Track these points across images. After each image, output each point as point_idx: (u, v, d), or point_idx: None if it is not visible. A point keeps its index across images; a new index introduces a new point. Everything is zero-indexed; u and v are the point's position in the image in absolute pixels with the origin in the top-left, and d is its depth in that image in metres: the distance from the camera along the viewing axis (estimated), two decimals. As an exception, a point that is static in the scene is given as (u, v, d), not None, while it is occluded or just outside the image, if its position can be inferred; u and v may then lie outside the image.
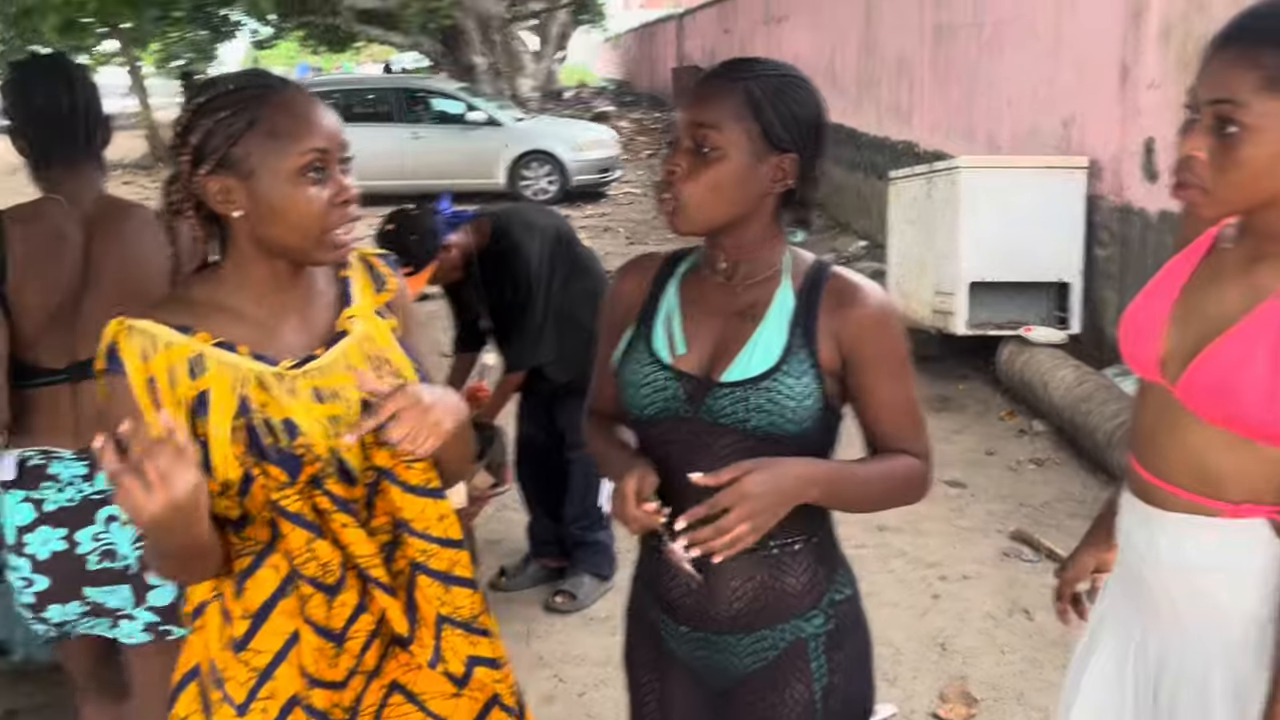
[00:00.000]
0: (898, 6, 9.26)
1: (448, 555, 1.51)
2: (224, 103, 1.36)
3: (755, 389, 1.46)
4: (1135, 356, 1.51)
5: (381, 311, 1.55)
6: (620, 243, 10.95)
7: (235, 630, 1.42)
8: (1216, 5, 4.74)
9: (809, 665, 1.56)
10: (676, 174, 1.46)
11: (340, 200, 1.39)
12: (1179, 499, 1.46)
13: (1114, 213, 5.74)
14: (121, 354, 1.34)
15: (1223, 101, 1.28)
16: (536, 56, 22.57)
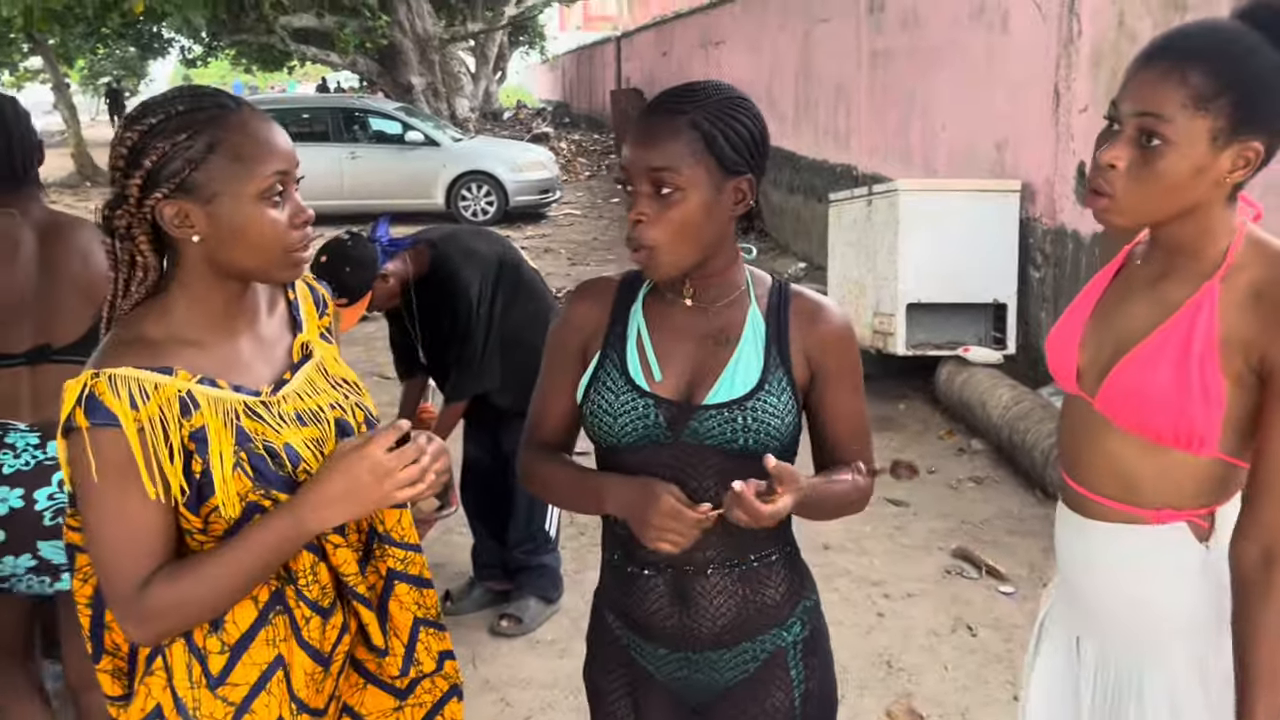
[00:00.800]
0: (835, 32, 9.40)
1: (419, 560, 1.55)
2: (179, 125, 1.32)
3: (742, 409, 1.48)
4: (1058, 371, 1.58)
5: (324, 335, 1.57)
6: (562, 263, 10.95)
7: (211, 666, 1.39)
8: (1145, 33, 4.88)
9: (788, 673, 1.59)
10: (644, 221, 1.45)
11: (299, 221, 1.38)
12: (1106, 508, 1.52)
13: (1047, 235, 5.86)
14: (108, 405, 1.28)
15: (1148, 115, 1.33)
16: (474, 77, 22.55)
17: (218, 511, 1.34)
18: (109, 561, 1.32)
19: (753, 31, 12.25)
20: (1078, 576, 1.61)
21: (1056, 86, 5.67)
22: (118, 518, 1.30)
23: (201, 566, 1.32)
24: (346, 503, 1.32)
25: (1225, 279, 1.40)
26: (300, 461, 1.39)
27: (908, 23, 7.75)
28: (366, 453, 1.32)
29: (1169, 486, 1.48)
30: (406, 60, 17.68)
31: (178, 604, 1.32)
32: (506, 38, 26.68)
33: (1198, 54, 1.31)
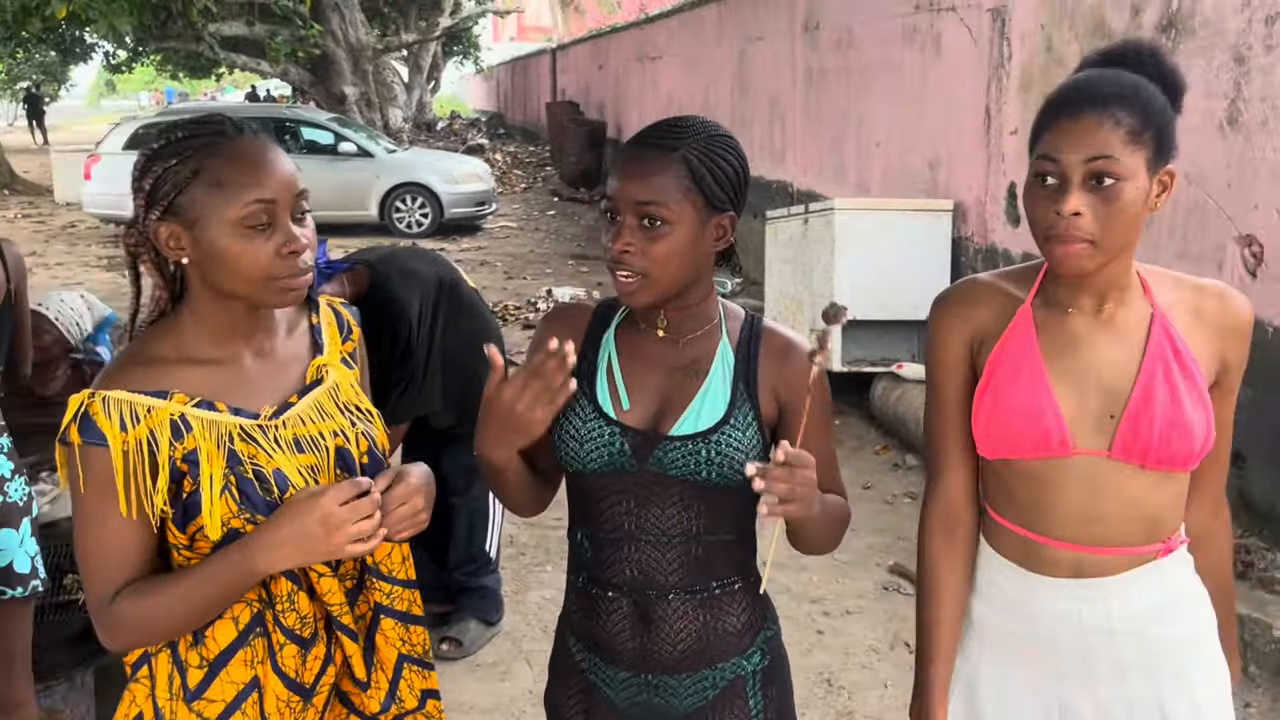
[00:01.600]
0: (770, 49, 9.50)
1: (407, 596, 1.54)
2: (174, 150, 1.37)
3: (706, 442, 1.49)
4: (1035, 443, 1.51)
5: (346, 360, 1.57)
6: (498, 277, 10.89)
7: (190, 680, 1.41)
8: (1072, 58, 5.01)
9: (747, 703, 1.60)
10: (631, 253, 1.46)
11: (288, 250, 1.38)
12: (1120, 558, 1.53)
13: (979, 253, 5.98)
14: (99, 425, 1.33)
15: (1100, 158, 1.40)
16: (408, 87, 22.38)
17: (203, 531, 1.37)
18: (88, 569, 1.38)
19: (689, 47, 12.33)
20: (1079, 640, 1.56)
21: (988, 108, 5.79)
22: (99, 529, 1.36)
23: (164, 589, 1.36)
24: (292, 549, 1.33)
25: (1159, 302, 1.51)
26: (289, 487, 1.40)
27: (842, 43, 7.87)
28: (318, 504, 1.32)
29: (1176, 511, 1.56)
30: (339, 70, 17.49)
31: (139, 620, 1.36)
32: (440, 48, 26.54)
33: (1118, 98, 1.41)
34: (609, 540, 1.57)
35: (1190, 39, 4.24)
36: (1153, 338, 1.48)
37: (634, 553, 1.55)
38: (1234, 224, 3.96)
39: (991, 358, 1.55)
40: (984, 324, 1.58)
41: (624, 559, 1.56)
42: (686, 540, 1.54)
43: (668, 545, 1.54)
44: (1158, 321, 1.49)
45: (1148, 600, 1.54)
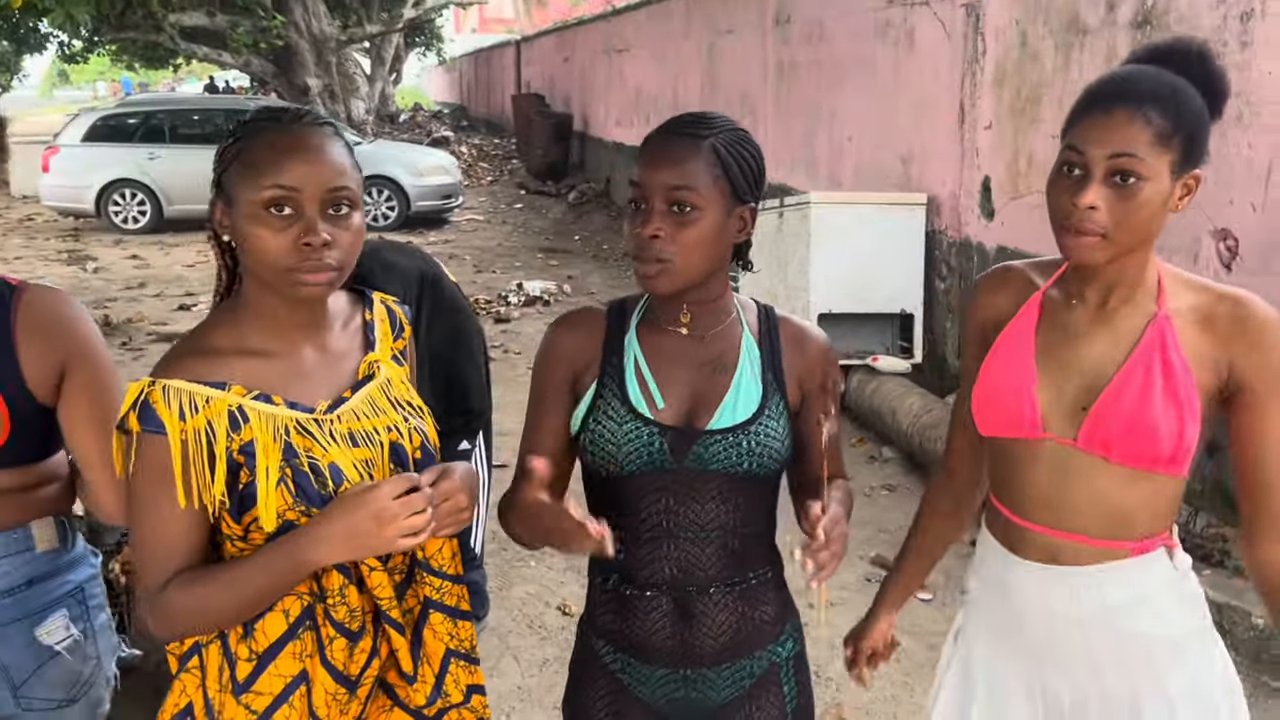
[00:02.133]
0: (740, 43, 9.52)
1: (457, 591, 1.55)
2: (237, 131, 1.42)
3: (745, 433, 1.53)
4: (1010, 421, 1.58)
5: (397, 357, 1.58)
6: (467, 270, 10.83)
7: (239, 673, 1.42)
8: (1047, 53, 5.06)
9: (781, 689, 1.65)
10: (661, 237, 1.47)
11: (305, 242, 1.37)
12: (1090, 548, 1.56)
13: (952, 247, 6.02)
14: (159, 413, 1.34)
15: (1123, 155, 1.42)
16: (370, 79, 22.18)
17: (257, 522, 1.38)
18: (141, 556, 1.40)
19: (658, 40, 12.32)
20: (1056, 627, 1.60)
21: (962, 103, 5.83)
22: (152, 517, 1.37)
23: (216, 578, 1.37)
24: (345, 543, 1.34)
25: (1169, 306, 1.51)
26: (344, 481, 1.40)
27: (813, 37, 7.89)
28: (372, 498, 1.32)
29: (1152, 513, 1.55)
30: (303, 61, 17.29)
31: (190, 609, 1.37)
32: (403, 39, 26.32)
33: (1153, 98, 1.42)
34: (646, 539, 1.57)
35: (1165, 34, 4.29)
36: (1145, 338, 1.50)
37: (673, 550, 1.56)
38: (1209, 218, 4.02)
39: (999, 337, 1.61)
40: (1003, 308, 1.63)
41: (663, 557, 1.57)
42: (724, 534, 1.56)
43: (706, 540, 1.56)
44: (1156, 323, 1.50)
45: (1118, 595, 1.56)
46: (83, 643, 1.84)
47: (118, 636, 2.00)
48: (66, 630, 1.82)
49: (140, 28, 17.23)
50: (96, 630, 1.89)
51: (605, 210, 14.35)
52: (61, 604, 1.82)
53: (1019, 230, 5.38)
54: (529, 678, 3.48)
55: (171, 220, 13.24)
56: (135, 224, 13.41)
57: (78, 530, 1.91)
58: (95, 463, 1.72)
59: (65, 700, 1.83)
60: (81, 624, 1.84)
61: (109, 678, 1.94)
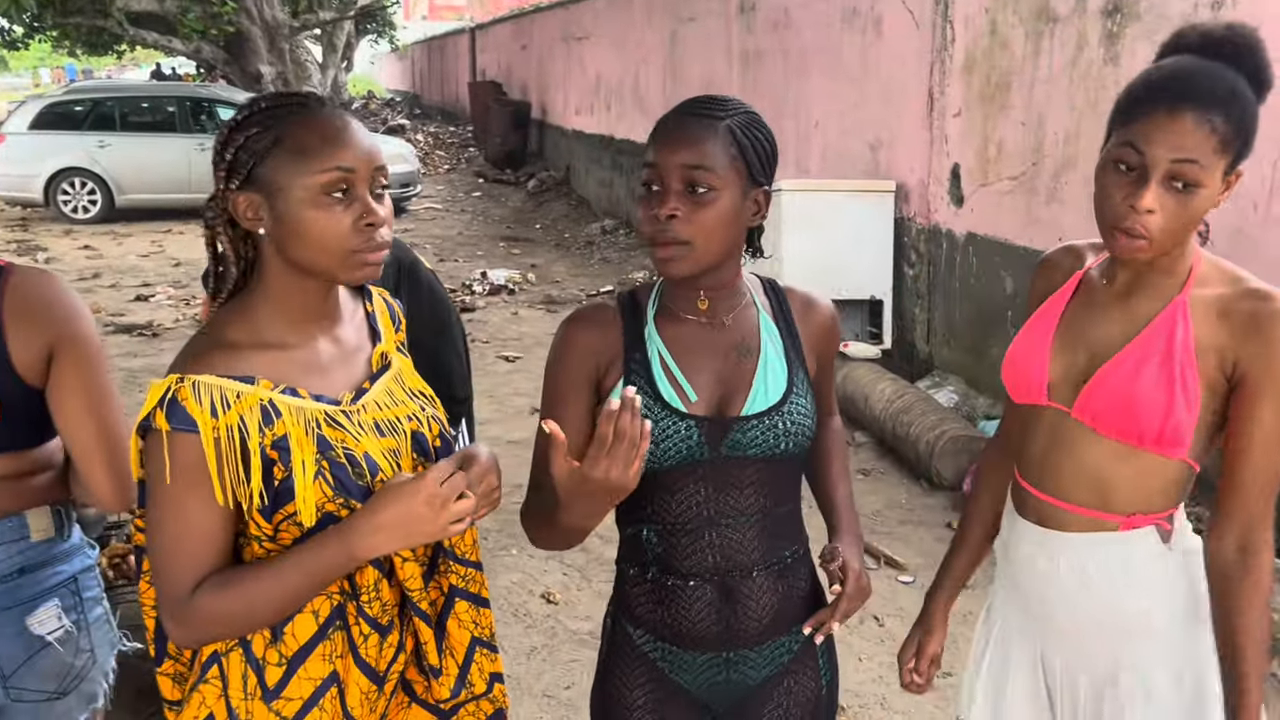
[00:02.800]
0: (704, 31, 9.51)
1: (479, 578, 1.54)
2: (256, 120, 1.36)
3: (780, 414, 1.53)
4: (1023, 387, 1.64)
5: (400, 348, 1.58)
6: (428, 259, 10.59)
7: (268, 678, 1.38)
8: (1017, 41, 5.11)
9: (817, 661, 1.67)
10: (679, 218, 1.45)
11: (365, 223, 1.36)
12: (1077, 517, 1.60)
13: (921, 234, 6.07)
14: (189, 411, 1.30)
15: (1187, 161, 1.39)
16: (322, 67, 21.88)
17: (291, 519, 1.35)
18: (163, 562, 1.34)
19: (618, 28, 12.27)
20: (1041, 588, 1.65)
21: (930, 91, 5.87)
22: (178, 520, 1.32)
23: (250, 580, 1.33)
24: (396, 531, 1.32)
25: (1192, 294, 1.51)
26: (378, 471, 1.39)
27: (779, 24, 7.91)
28: (423, 484, 1.31)
29: (1141, 491, 1.56)
30: (255, 48, 16.99)
31: (222, 614, 1.33)
32: (355, 27, 25.99)
33: (1219, 102, 1.39)
34: (686, 530, 1.56)
35: (1135, 23, 4.35)
36: (1157, 320, 1.51)
37: (715, 538, 1.56)
38: (1180, 204, 4.09)
39: (1038, 309, 1.67)
40: (1054, 282, 1.68)
41: (705, 546, 1.56)
42: (763, 516, 1.57)
43: (746, 524, 1.57)
44: (1171, 308, 1.51)
45: (1098, 566, 1.59)
46: (75, 634, 1.81)
47: (117, 631, 1.97)
48: (58, 621, 1.79)
49: (86, 13, 16.84)
50: (91, 623, 1.85)
51: (566, 199, 14.30)
52: (54, 594, 1.79)
53: (988, 217, 5.44)
54: (516, 666, 3.47)
55: (123, 210, 13.00)
56: (86, 214, 13.14)
57: (74, 521, 1.87)
58: (86, 446, 1.69)
59: (56, 693, 1.80)
60: (74, 615, 1.81)
61: (106, 672, 1.90)
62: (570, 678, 3.38)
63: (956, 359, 5.82)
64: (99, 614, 1.89)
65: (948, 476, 4.83)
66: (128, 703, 2.72)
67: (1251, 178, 3.82)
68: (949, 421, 5.01)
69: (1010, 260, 5.23)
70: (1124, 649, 1.60)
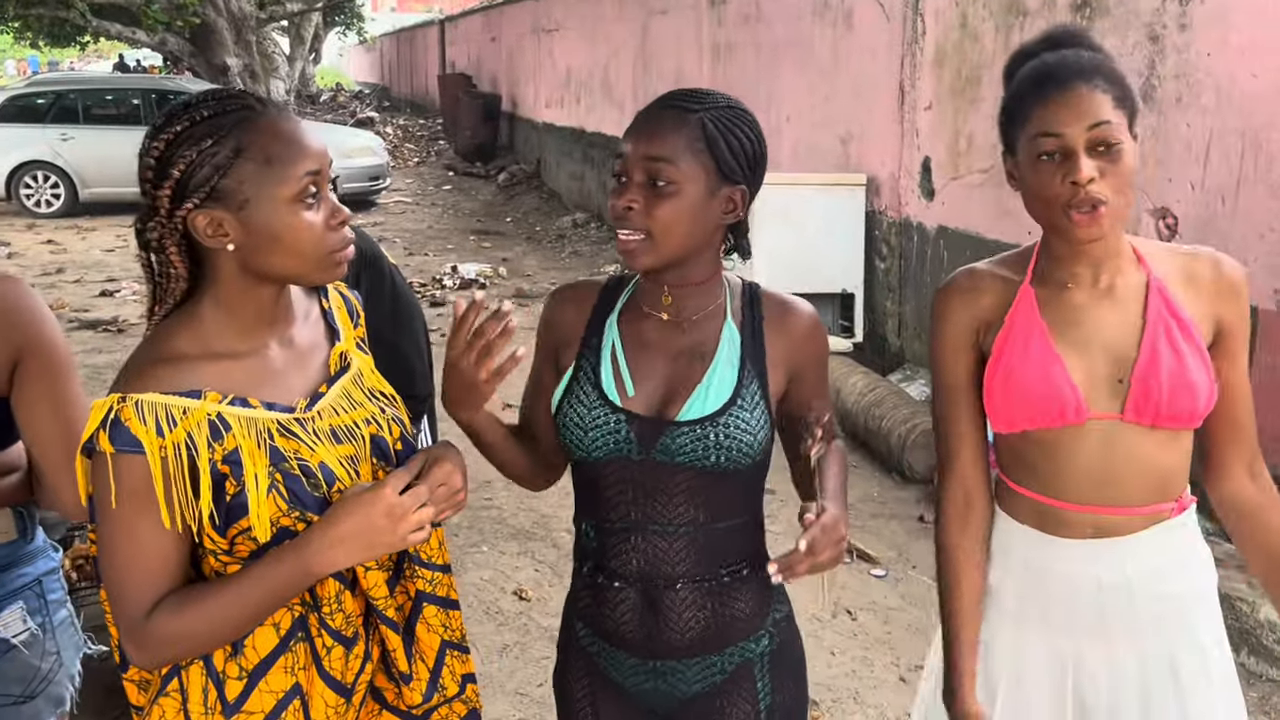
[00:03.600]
0: (675, 24, 9.48)
1: (446, 581, 1.51)
2: (205, 130, 1.27)
3: (714, 425, 1.46)
4: (1052, 413, 1.55)
5: (360, 344, 1.53)
6: (398, 253, 10.66)
7: (228, 692, 1.34)
8: (987, 34, 5.12)
9: (754, 685, 1.58)
10: (635, 210, 1.43)
11: (336, 222, 1.33)
12: (1136, 518, 1.58)
13: (893, 227, 6.08)
14: (133, 431, 1.24)
15: (1100, 124, 1.44)
16: (289, 59, 21.68)
17: (246, 534, 1.30)
18: (118, 585, 1.29)
19: (588, 20, 12.22)
20: (1087, 600, 1.60)
21: (901, 84, 5.88)
22: (129, 543, 1.28)
23: (207, 599, 1.29)
24: (355, 544, 1.28)
25: (1156, 270, 1.55)
26: (335, 480, 1.35)
27: (750, 17, 7.90)
28: (381, 495, 1.27)
29: (1184, 470, 1.60)
30: (221, 40, 16.78)
31: (180, 635, 1.29)
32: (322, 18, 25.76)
33: (1095, 69, 1.48)
34: (615, 530, 1.54)
35: (1105, 17, 4.37)
36: (1150, 303, 1.53)
37: (640, 543, 1.52)
38: (1149, 196, 4.11)
39: (999, 338, 1.59)
40: (986, 309, 1.62)
41: (630, 549, 1.53)
42: (694, 529, 1.51)
43: (674, 535, 1.51)
44: (1154, 288, 1.53)
45: (1161, 558, 1.59)
46: (41, 637, 1.78)
47: (82, 634, 1.93)
48: (24, 623, 1.76)
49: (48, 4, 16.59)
50: (56, 625, 1.82)
51: (536, 192, 14.24)
52: (18, 596, 1.75)
53: (959, 210, 5.45)
54: (488, 664, 3.44)
55: (87, 204, 12.82)
56: (49, 207, 12.96)
57: (38, 523, 1.84)
58: (51, 454, 1.64)
59: (22, 696, 1.76)
60: (40, 617, 1.78)
61: (72, 675, 1.87)
62: (543, 675, 3.36)
63: (928, 352, 5.83)
64: (64, 616, 1.85)
65: (919, 470, 4.84)
66: (95, 704, 2.68)
67: (1220, 170, 3.85)
68: (921, 415, 5.02)
69: (981, 253, 5.22)
70: (1181, 630, 1.61)
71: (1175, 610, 1.61)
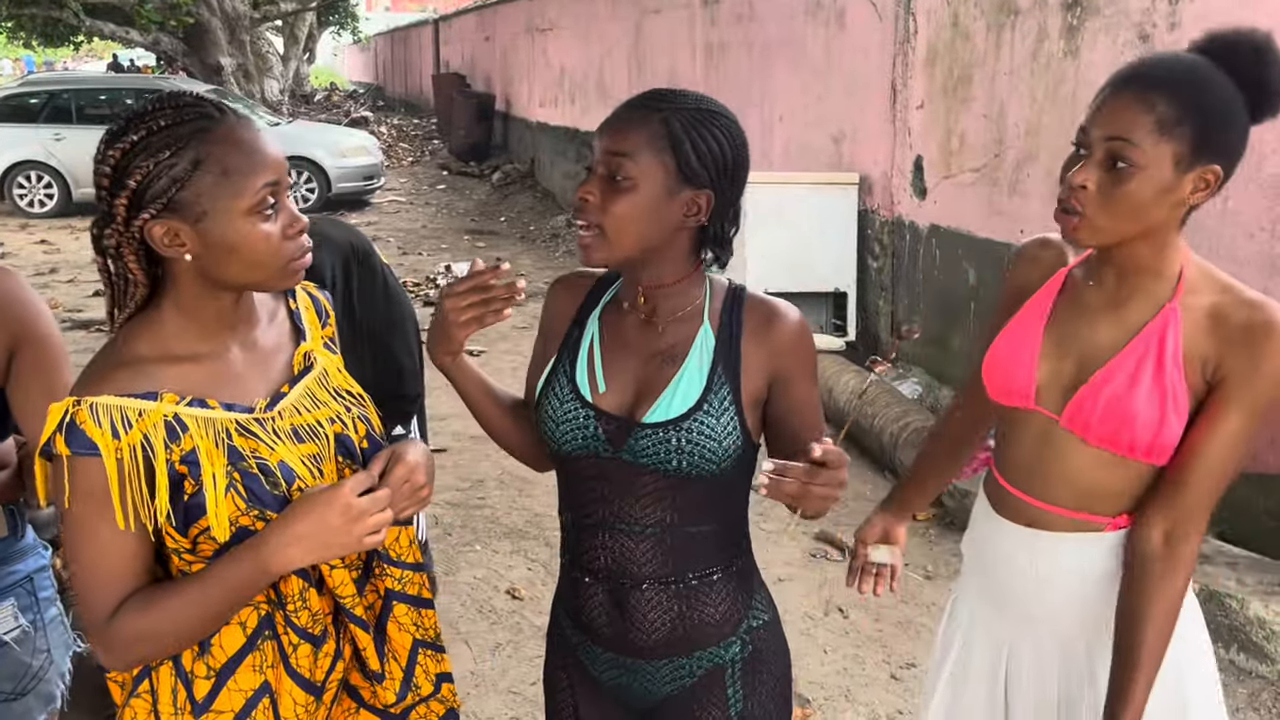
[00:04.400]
0: (669, 23, 9.49)
1: (418, 579, 1.50)
2: (163, 141, 1.26)
3: (677, 429, 1.45)
4: (1008, 390, 1.61)
5: (328, 344, 1.53)
6: (392, 253, 10.65)
7: (196, 692, 1.35)
8: (979, 34, 5.13)
9: (725, 691, 1.57)
10: (590, 202, 1.44)
11: (294, 231, 1.33)
12: (1063, 518, 1.59)
13: (885, 226, 6.09)
14: (89, 434, 1.24)
15: (1118, 139, 1.40)
16: (283, 59, 21.68)
17: (207, 533, 1.30)
18: (82, 587, 1.30)
19: (582, 19, 12.23)
20: (1020, 585, 1.64)
21: (893, 83, 5.89)
22: (91, 545, 1.28)
23: (169, 599, 1.29)
24: (311, 543, 1.28)
25: (1183, 301, 1.48)
26: (295, 479, 1.34)
27: (743, 17, 7.90)
28: (338, 495, 1.28)
29: (1129, 496, 1.55)
30: (215, 40, 16.79)
31: (145, 635, 1.29)
32: (316, 18, 25.75)
33: (1163, 83, 1.40)
34: (586, 526, 1.55)
35: (1095, 16, 4.38)
36: (1148, 328, 1.49)
37: (609, 540, 1.52)
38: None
39: (1021, 308, 1.63)
40: (1033, 278, 1.65)
41: (599, 546, 1.53)
42: (661, 531, 1.50)
43: (641, 535, 1.51)
44: (1162, 315, 1.48)
45: (1081, 565, 1.58)
46: (32, 634, 1.79)
47: (72, 633, 1.94)
48: (15, 620, 1.77)
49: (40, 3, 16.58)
50: (47, 623, 1.83)
51: (531, 191, 14.24)
52: (9, 593, 1.76)
53: (951, 209, 5.46)
54: (481, 662, 3.45)
55: (80, 204, 12.80)
56: (42, 207, 12.95)
57: (27, 521, 1.84)
58: None
59: (14, 693, 1.77)
60: (31, 614, 1.79)
61: (63, 673, 1.88)
62: (535, 673, 3.36)
63: (920, 351, 5.84)
64: (54, 614, 1.87)
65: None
66: (88, 702, 2.68)
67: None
68: (913, 413, 5.03)
69: (973, 252, 5.26)
70: (1099, 636, 1.58)
71: (1096, 618, 1.58)
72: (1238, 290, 1.48)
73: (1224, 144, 1.41)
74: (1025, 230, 1.49)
